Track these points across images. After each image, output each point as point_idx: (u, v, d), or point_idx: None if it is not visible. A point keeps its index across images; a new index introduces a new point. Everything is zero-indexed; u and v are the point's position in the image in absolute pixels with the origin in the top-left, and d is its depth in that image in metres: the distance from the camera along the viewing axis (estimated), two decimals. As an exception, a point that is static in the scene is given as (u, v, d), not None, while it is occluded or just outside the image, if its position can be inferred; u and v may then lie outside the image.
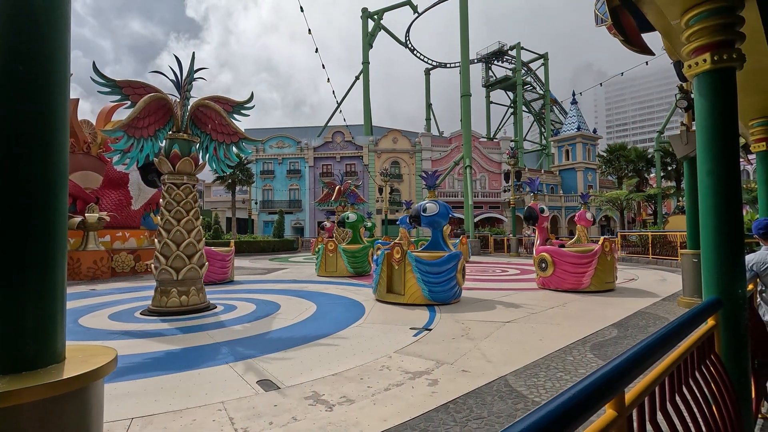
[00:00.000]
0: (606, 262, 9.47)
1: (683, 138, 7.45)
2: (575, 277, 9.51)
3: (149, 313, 7.25)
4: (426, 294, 7.96)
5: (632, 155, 32.85)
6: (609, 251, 9.51)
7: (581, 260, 9.50)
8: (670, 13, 2.32)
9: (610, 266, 9.58)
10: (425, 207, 9.03)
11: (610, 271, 9.59)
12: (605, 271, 9.48)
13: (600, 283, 9.44)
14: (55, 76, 1.30)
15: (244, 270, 16.13)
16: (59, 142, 1.36)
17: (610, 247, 9.54)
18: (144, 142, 7.31)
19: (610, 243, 9.62)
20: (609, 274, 9.57)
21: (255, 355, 4.72)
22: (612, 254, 9.61)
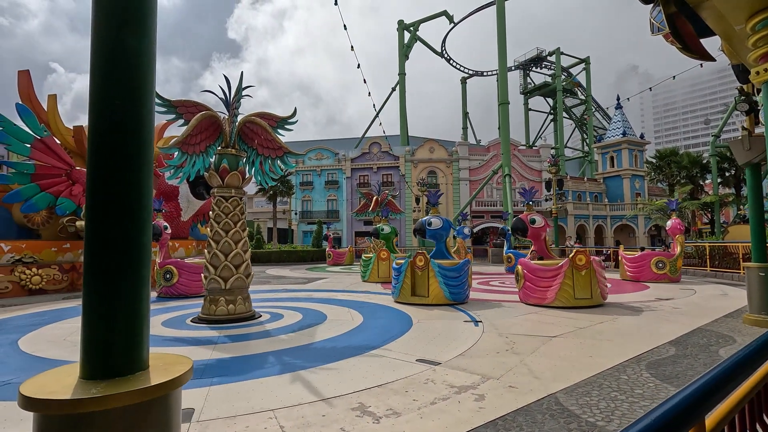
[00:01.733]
0: (580, 276, 8.75)
1: (745, 143, 6.98)
2: (540, 291, 9.10)
3: (199, 320, 7.59)
4: (447, 295, 9.37)
5: (685, 161, 30.98)
6: (583, 266, 8.81)
7: (545, 274, 9.05)
8: (734, 18, 2.23)
9: (585, 281, 8.77)
10: (430, 221, 10.28)
11: (585, 286, 8.74)
12: (579, 286, 8.73)
13: (568, 299, 8.72)
14: (147, 107, 1.44)
15: (284, 279, 16.54)
16: (147, 162, 1.49)
17: (585, 260, 8.81)
18: (196, 158, 7.74)
19: (586, 257, 8.88)
20: (583, 290, 8.72)
21: (301, 365, 4.83)
22: (589, 269, 8.78)
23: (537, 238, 9.88)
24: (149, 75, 1.43)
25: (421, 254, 9.66)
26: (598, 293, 8.85)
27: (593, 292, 8.78)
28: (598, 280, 8.84)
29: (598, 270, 8.88)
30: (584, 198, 40.42)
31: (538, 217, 9.88)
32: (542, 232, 9.89)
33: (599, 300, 8.92)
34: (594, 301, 8.81)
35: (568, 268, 8.78)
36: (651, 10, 2.42)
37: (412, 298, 9.54)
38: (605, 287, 9.19)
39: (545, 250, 9.78)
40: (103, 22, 1.36)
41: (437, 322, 7.40)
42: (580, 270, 8.77)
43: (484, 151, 42.02)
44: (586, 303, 8.76)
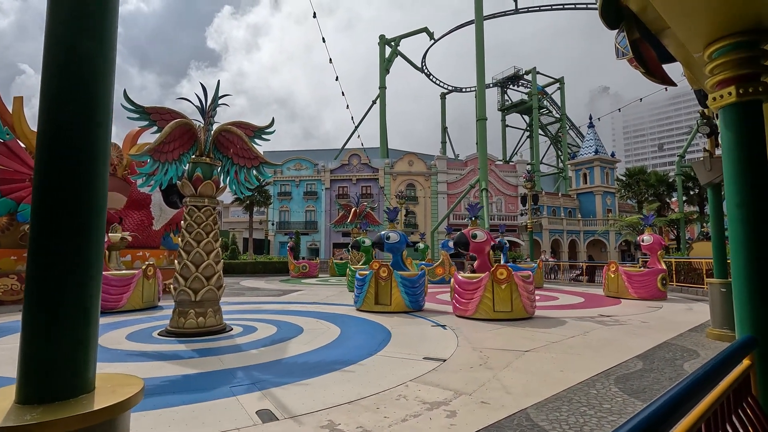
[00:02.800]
0: (500, 290, 9.00)
1: (707, 164, 7.32)
2: (464, 303, 9.41)
3: (167, 334, 7.31)
4: (407, 303, 10.33)
5: (652, 179, 32.29)
6: (504, 279, 9.03)
7: (468, 287, 9.37)
8: (693, 46, 2.33)
9: (506, 294, 8.99)
10: (389, 236, 11.18)
11: (506, 299, 8.98)
12: (499, 299, 8.98)
13: (488, 312, 9.00)
14: (102, 119, 1.37)
15: (259, 291, 16.20)
16: (100, 171, 1.42)
17: (507, 275, 9.07)
18: (169, 166, 7.55)
19: (507, 271, 9.13)
20: (503, 304, 8.98)
21: (271, 381, 4.69)
22: (510, 282, 9.00)
23: (480, 253, 9.97)
24: (106, 81, 1.37)
25: (385, 266, 10.50)
26: (520, 307, 9.03)
27: (514, 306, 8.99)
28: (520, 294, 9.03)
29: (520, 284, 9.08)
30: (558, 213, 41.46)
31: (480, 232, 10.03)
32: (485, 246, 9.98)
33: (522, 314, 9.08)
34: (514, 315, 9.00)
35: (488, 282, 9.06)
36: (616, 35, 2.50)
37: (375, 306, 10.33)
38: (529, 301, 9.28)
39: (488, 264, 9.85)
40: (57, 21, 1.29)
41: (414, 332, 7.35)
42: (500, 284, 9.02)
43: (462, 166, 42.67)
44: (505, 316, 8.97)
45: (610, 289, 14.29)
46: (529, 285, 9.35)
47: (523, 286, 9.14)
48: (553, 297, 14.29)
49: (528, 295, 9.24)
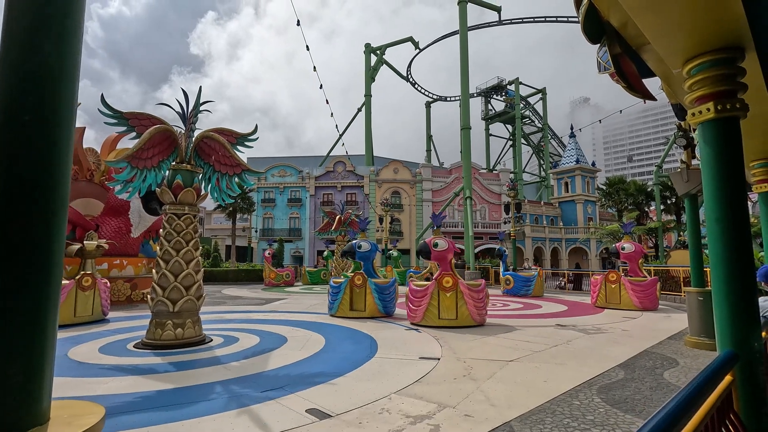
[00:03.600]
0: (445, 298, 9.25)
1: (684, 175, 7.50)
2: (413, 311, 9.75)
3: (143, 346, 7.07)
4: (380, 308, 10.99)
5: (632, 188, 33.05)
6: (449, 287, 9.27)
7: (416, 295, 9.70)
8: (672, 62, 2.36)
9: (451, 302, 9.22)
10: (360, 245, 11.63)
11: (451, 307, 9.21)
12: (444, 307, 9.24)
13: (433, 319, 9.27)
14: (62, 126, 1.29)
15: (241, 300, 15.89)
16: (61, 180, 1.33)
17: (452, 283, 9.31)
18: (147, 173, 7.36)
19: (453, 279, 9.37)
20: (448, 311, 9.22)
21: (251, 395, 4.56)
22: (456, 290, 9.26)
23: (442, 261, 10.05)
24: (68, 87, 1.29)
25: (360, 274, 11.17)
26: (466, 315, 9.23)
27: (459, 314, 9.20)
28: (466, 302, 9.23)
29: (465, 292, 9.29)
30: (541, 221, 42.04)
31: (441, 241, 10.17)
32: (447, 255, 10.08)
33: (468, 321, 9.25)
34: (459, 322, 9.19)
35: (434, 289, 9.33)
36: (598, 49, 2.52)
37: (350, 312, 10.90)
38: (476, 309, 9.39)
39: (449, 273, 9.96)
40: (15, 22, 1.21)
41: (395, 337, 7.27)
42: (446, 291, 9.28)
43: (446, 174, 42.98)
44: (449, 323, 9.18)
45: (610, 300, 13.27)
46: (476, 293, 9.48)
47: (470, 294, 9.34)
48: (536, 305, 14.40)
49: (475, 303, 9.39)
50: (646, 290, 12.91)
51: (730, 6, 1.87)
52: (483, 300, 9.66)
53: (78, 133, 15.67)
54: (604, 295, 13.56)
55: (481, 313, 9.56)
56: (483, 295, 9.69)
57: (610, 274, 13.58)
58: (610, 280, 13.51)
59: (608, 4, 2.21)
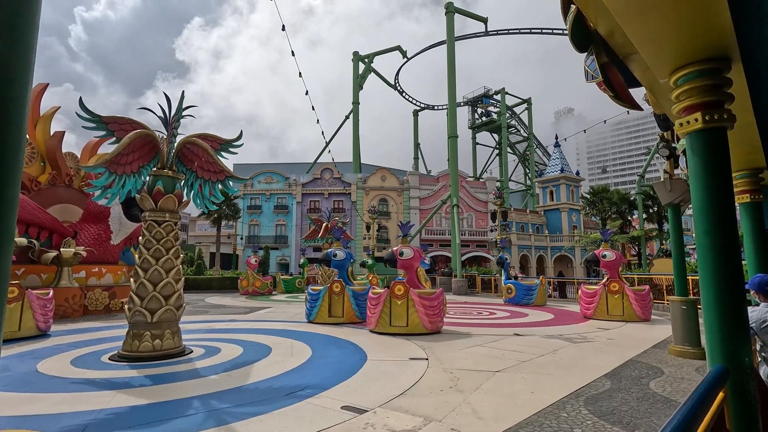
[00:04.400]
0: (396, 305, 9.49)
1: (667, 185, 7.59)
2: (369, 318, 10.08)
3: (119, 358, 6.80)
4: (357, 314, 11.52)
5: (615, 197, 33.64)
6: (401, 295, 9.53)
7: (372, 302, 10.02)
8: (659, 71, 2.34)
9: (402, 310, 9.46)
10: (335, 253, 12.05)
11: (402, 315, 9.45)
12: (395, 315, 9.49)
13: (384, 326, 9.52)
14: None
15: (224, 309, 15.56)
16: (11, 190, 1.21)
17: (404, 291, 9.55)
18: (126, 179, 7.15)
19: (404, 287, 9.61)
20: (399, 319, 9.45)
21: (229, 412, 4.38)
22: (406, 299, 9.50)
23: (409, 269, 10.24)
24: (20, 91, 1.18)
25: (338, 281, 11.77)
26: (416, 322, 9.39)
27: (410, 321, 9.39)
28: (417, 310, 9.42)
29: (416, 300, 9.46)
30: (527, 229, 42.41)
31: (407, 250, 10.36)
32: (414, 263, 10.27)
33: (418, 329, 9.36)
34: (410, 330, 9.34)
35: (387, 297, 9.58)
36: (585, 58, 2.49)
37: (328, 318, 11.39)
38: (427, 317, 9.48)
39: (415, 281, 10.12)
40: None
41: (387, 353, 7.14)
42: (397, 299, 9.52)
43: (433, 182, 43.14)
44: (400, 330, 9.37)
45: (612, 312, 12.29)
46: (428, 301, 9.59)
47: (421, 303, 9.49)
48: (522, 314, 14.41)
49: (426, 311, 9.51)
50: (644, 300, 12.39)
51: (719, 16, 1.85)
52: (437, 308, 9.73)
53: (57, 138, 15.28)
54: (605, 306, 12.48)
55: (433, 320, 9.61)
56: (437, 303, 9.76)
57: (611, 284, 12.56)
58: (612, 291, 12.49)
59: (596, 11, 2.18)
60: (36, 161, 14.85)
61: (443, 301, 10.09)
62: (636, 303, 12.17)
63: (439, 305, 9.78)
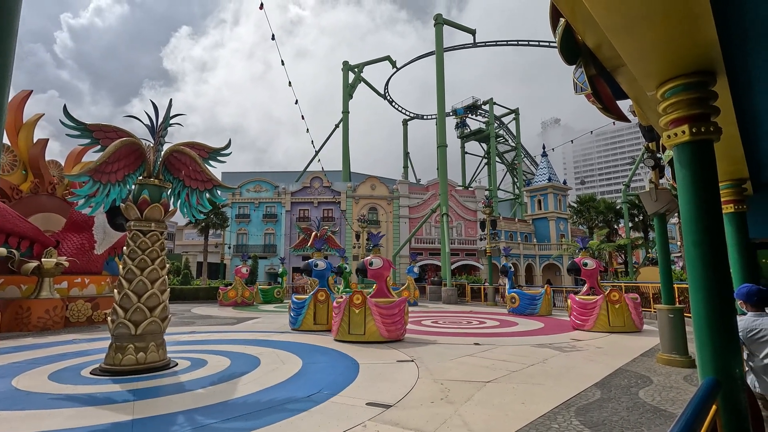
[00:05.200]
0: (355, 314, 9.74)
1: (653, 195, 7.71)
2: (333, 326, 10.34)
3: (101, 372, 6.60)
4: None
5: (601, 206, 34.12)
6: (359, 304, 9.75)
7: (334, 311, 10.36)
8: (646, 84, 2.37)
9: (359, 319, 9.68)
10: (317, 263, 12.40)
11: (360, 324, 9.69)
12: (354, 323, 9.73)
13: (344, 334, 9.79)
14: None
15: (211, 320, 15.28)
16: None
17: (361, 300, 9.78)
18: (111, 187, 7.01)
19: (362, 296, 9.87)
20: (357, 327, 9.70)
21: (215, 428, 4.26)
22: (364, 308, 9.72)
23: (379, 278, 10.56)
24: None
25: (322, 290, 12.19)
26: (374, 331, 9.62)
27: (367, 330, 9.63)
28: (374, 319, 9.65)
29: (374, 310, 9.71)
30: (516, 238, 42.71)
31: (376, 260, 10.70)
32: (384, 272, 10.59)
33: (375, 337, 9.60)
34: (367, 338, 9.58)
35: (346, 306, 9.85)
36: (574, 70, 2.52)
37: (313, 326, 11.79)
38: (384, 326, 9.71)
39: (384, 291, 10.48)
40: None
41: (377, 363, 7.05)
42: (355, 308, 9.74)
43: (423, 191, 43.30)
44: (357, 338, 9.64)
45: (614, 324, 11.59)
46: (386, 310, 9.79)
47: (378, 312, 9.71)
48: (512, 323, 14.43)
49: (384, 320, 9.73)
50: (639, 308, 12.08)
51: (704, 31, 1.88)
52: (396, 317, 9.90)
53: (40, 146, 14.98)
54: (606, 318, 11.67)
55: (391, 329, 9.77)
56: (396, 311, 9.92)
57: (611, 293, 11.86)
58: (612, 300, 11.74)
59: (584, 24, 2.21)
60: (18, 169, 14.54)
61: (404, 311, 10.18)
62: (635, 312, 11.84)
63: (398, 314, 9.95)
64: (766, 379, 3.02)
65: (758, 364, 3.06)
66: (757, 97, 2.76)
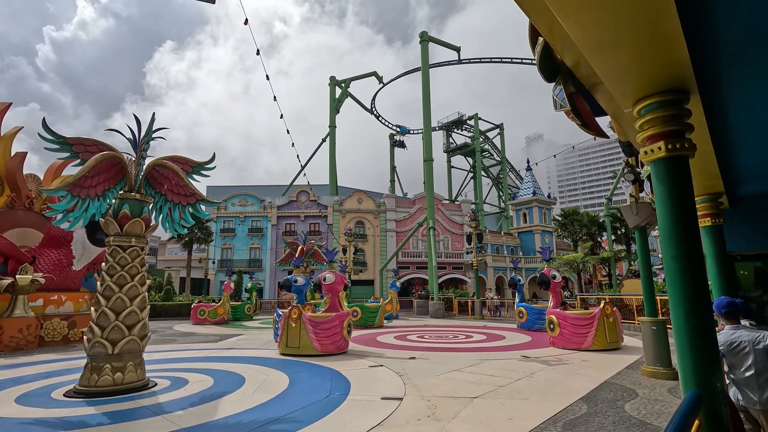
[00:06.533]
0: (292, 328, 10.14)
1: (633, 209, 7.86)
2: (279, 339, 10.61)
3: (75, 394, 6.34)
4: None
5: (585, 220, 34.68)
6: (295, 318, 10.13)
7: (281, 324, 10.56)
8: (623, 102, 2.43)
9: (295, 333, 10.07)
10: (296, 279, 12.35)
11: (295, 337, 10.06)
12: (290, 337, 10.12)
13: (284, 347, 10.20)
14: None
15: (194, 337, 14.90)
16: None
17: (298, 313, 10.16)
18: (90, 202, 6.86)
19: (298, 311, 10.23)
20: (293, 341, 10.09)
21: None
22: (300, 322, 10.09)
23: (333, 293, 11.06)
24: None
25: (309, 304, 12.51)
26: (307, 344, 10.00)
27: (301, 343, 10.03)
28: (308, 333, 10.08)
29: (307, 324, 10.11)
30: (502, 251, 43.01)
31: (329, 275, 11.19)
32: (337, 287, 11.08)
33: (309, 351, 9.97)
34: (301, 351, 9.96)
35: (285, 321, 10.23)
36: (554, 88, 2.57)
37: None
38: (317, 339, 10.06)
39: (336, 305, 10.92)
40: None
41: (366, 380, 6.93)
42: (293, 322, 10.15)
43: (410, 204, 43.44)
44: (293, 351, 10.02)
45: (611, 339, 10.72)
46: (321, 324, 10.17)
47: (311, 326, 10.12)
48: (500, 336, 14.41)
49: (317, 333, 10.11)
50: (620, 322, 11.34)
51: (676, 51, 1.93)
52: (329, 332, 10.23)
53: (18, 159, 14.63)
54: (604, 335, 10.68)
55: (324, 343, 10.10)
56: (329, 327, 10.24)
57: (605, 307, 10.93)
58: (607, 314, 10.83)
59: (562, 44, 2.26)
60: (-7, 183, 14.12)
61: (342, 325, 10.43)
62: (620, 326, 11.25)
63: (332, 329, 10.27)
64: (748, 391, 3.05)
65: (739, 377, 3.09)
66: (729, 114, 2.85)
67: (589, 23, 1.80)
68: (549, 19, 2.02)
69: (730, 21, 1.88)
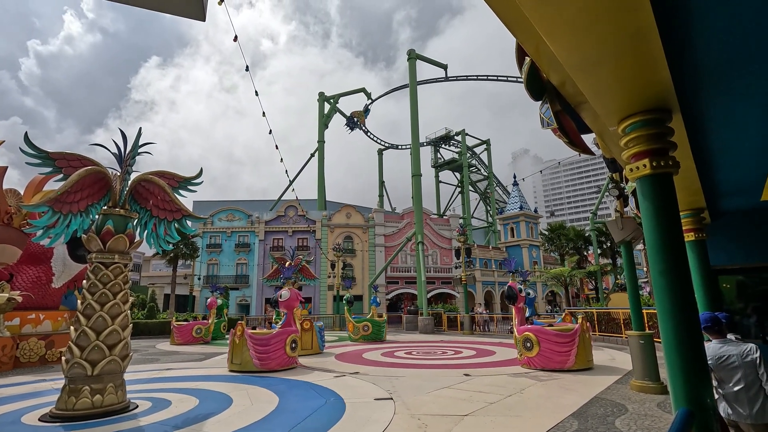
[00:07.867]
0: (236, 345, 10.48)
1: (618, 223, 7.98)
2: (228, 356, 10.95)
3: (50, 418, 6.08)
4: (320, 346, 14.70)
5: (571, 234, 35.09)
6: (239, 335, 10.43)
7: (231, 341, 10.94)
8: (608, 120, 2.48)
9: (238, 350, 10.39)
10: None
11: (238, 354, 10.39)
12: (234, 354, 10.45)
13: (230, 364, 10.55)
14: None
15: (177, 356, 14.50)
16: None
17: (241, 330, 10.50)
18: (72, 218, 6.69)
19: (241, 328, 10.57)
20: (236, 357, 10.40)
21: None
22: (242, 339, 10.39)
23: (288, 309, 11.50)
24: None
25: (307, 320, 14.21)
26: (248, 361, 10.31)
27: (243, 359, 10.35)
28: (249, 349, 10.36)
29: (248, 341, 10.42)
30: (490, 265, 43.18)
31: (285, 291, 11.73)
32: (292, 304, 11.53)
33: (250, 367, 10.24)
34: (242, 367, 10.26)
35: (233, 338, 10.59)
36: (540, 106, 2.61)
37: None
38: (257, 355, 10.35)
39: (290, 322, 11.34)
40: None
41: (359, 398, 6.78)
42: (237, 339, 10.48)
43: (398, 219, 43.51)
44: (236, 368, 10.34)
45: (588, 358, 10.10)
46: (259, 342, 10.44)
47: (251, 343, 10.40)
48: (490, 352, 14.35)
49: (256, 349, 10.38)
50: None
51: (658, 71, 1.99)
52: (271, 349, 10.49)
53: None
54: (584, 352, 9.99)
55: (263, 359, 10.32)
56: (270, 345, 10.50)
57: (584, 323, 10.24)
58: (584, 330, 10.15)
59: (548, 63, 2.31)
60: (-29, 198, 13.73)
61: (284, 342, 10.73)
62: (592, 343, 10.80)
63: (273, 346, 10.55)
64: (738, 406, 3.06)
65: (729, 391, 3.10)
66: (710, 132, 2.93)
67: (573, 44, 1.84)
68: (535, 40, 2.07)
69: (710, 43, 1.94)
